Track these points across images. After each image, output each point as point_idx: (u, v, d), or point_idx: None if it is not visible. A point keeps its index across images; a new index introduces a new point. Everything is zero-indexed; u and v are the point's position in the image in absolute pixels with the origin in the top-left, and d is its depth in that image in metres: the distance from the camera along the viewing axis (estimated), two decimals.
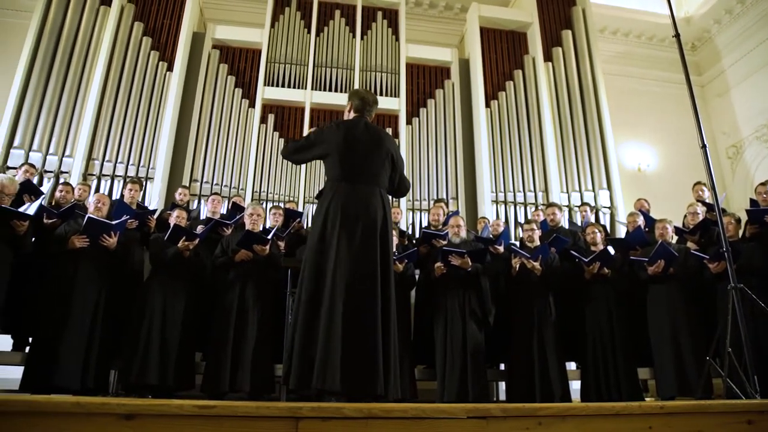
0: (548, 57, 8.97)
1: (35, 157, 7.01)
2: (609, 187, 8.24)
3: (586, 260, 4.74)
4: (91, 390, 4.13)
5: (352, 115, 3.26)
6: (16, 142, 7.07)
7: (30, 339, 4.50)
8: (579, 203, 7.77)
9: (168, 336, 4.36)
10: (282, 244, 4.91)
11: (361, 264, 2.83)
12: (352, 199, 2.97)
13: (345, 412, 1.74)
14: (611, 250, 5.05)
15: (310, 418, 1.70)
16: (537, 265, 4.71)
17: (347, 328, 2.67)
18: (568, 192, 8.14)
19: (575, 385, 4.83)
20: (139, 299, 4.53)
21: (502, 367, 5.23)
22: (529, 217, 7.34)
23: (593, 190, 8.18)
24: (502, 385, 5.42)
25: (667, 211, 5.56)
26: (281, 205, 5.83)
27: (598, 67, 9.00)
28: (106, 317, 4.38)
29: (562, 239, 5.21)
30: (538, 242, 4.97)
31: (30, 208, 4.22)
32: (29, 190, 4.84)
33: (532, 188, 8.18)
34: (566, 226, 6.63)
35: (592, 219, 7.20)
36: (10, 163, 6.86)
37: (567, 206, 7.99)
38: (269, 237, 4.56)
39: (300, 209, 6.06)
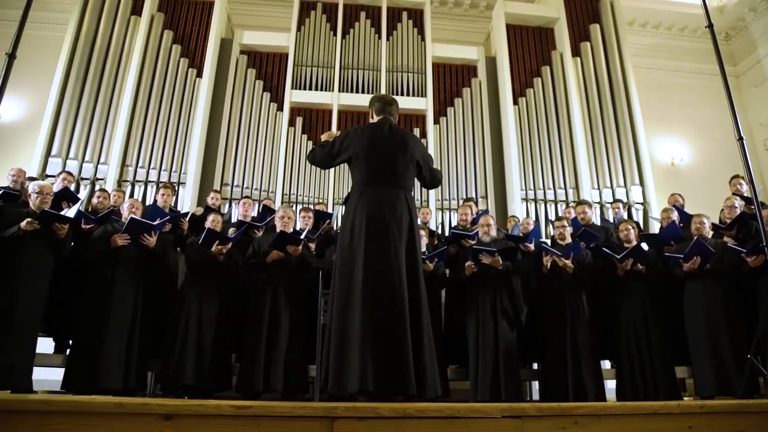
0: (576, 52, 8.86)
1: (72, 165, 7.21)
2: (641, 183, 8.08)
3: (619, 257, 4.67)
4: (131, 390, 4.25)
5: (376, 119, 3.30)
6: (53, 151, 7.28)
7: (70, 341, 4.65)
8: (611, 200, 7.65)
9: (203, 338, 4.45)
10: (312, 246, 4.95)
11: (389, 268, 2.86)
12: (378, 203, 3.00)
13: (380, 411, 1.75)
14: (645, 246, 4.96)
15: (346, 417, 1.71)
16: (569, 262, 4.65)
17: (378, 331, 2.70)
18: (599, 188, 8.02)
19: (610, 385, 4.76)
20: (175, 302, 4.64)
21: (535, 366, 5.18)
22: (560, 214, 7.25)
23: (625, 186, 8.04)
24: (536, 385, 5.37)
25: (702, 206, 5.43)
26: (311, 207, 5.87)
27: (628, 60, 8.84)
28: (143, 319, 4.50)
29: (591, 233, 5.14)
30: (569, 239, 4.92)
31: (69, 213, 4.37)
32: (67, 197, 4.99)
33: (562, 185, 8.08)
34: (598, 223, 6.53)
35: (625, 216, 7.06)
36: (48, 172, 7.08)
37: (598, 203, 7.87)
38: (303, 237, 4.61)
39: (329, 210, 6.10)
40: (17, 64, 3.18)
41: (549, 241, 5.31)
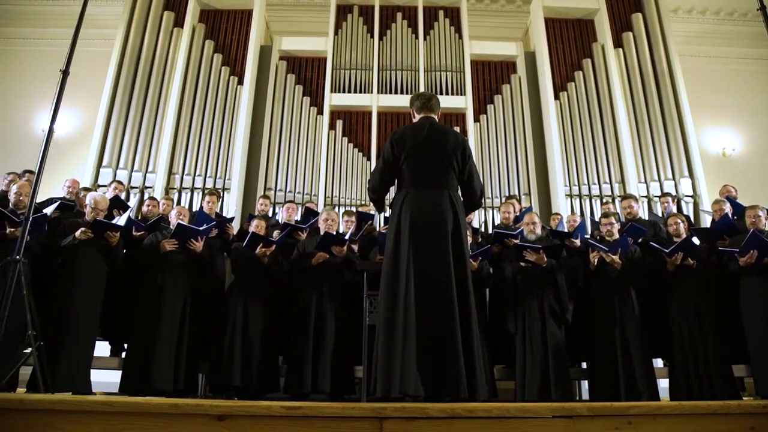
0: (618, 43, 8.64)
1: (122, 175, 7.47)
2: (691, 175, 7.82)
3: (668, 251, 4.53)
4: (181, 392, 4.38)
5: (418, 118, 3.25)
6: (104, 162, 7.56)
7: (125, 345, 4.83)
8: (659, 193, 7.43)
9: (250, 340, 4.54)
10: (356, 247, 4.98)
11: (436, 270, 2.83)
12: (422, 204, 2.96)
13: (429, 412, 1.75)
14: (696, 240, 4.81)
15: (395, 418, 1.72)
16: (616, 258, 4.54)
17: (426, 333, 2.68)
18: (646, 182, 7.81)
19: (663, 384, 4.62)
20: (222, 305, 4.74)
21: (584, 365, 5.08)
22: (605, 210, 7.09)
23: (674, 179, 7.79)
24: (584, 384, 5.27)
25: (756, 197, 5.21)
26: (353, 209, 5.91)
27: (673, 49, 8.56)
28: (193, 323, 4.63)
29: (638, 227, 5.01)
30: (617, 236, 4.80)
31: (119, 221, 4.55)
32: (117, 205, 5.20)
33: (607, 180, 7.89)
34: (645, 217, 6.36)
35: (674, 210, 6.86)
36: (100, 182, 7.35)
37: (646, 197, 7.66)
38: (347, 238, 4.65)
39: (372, 212, 6.13)
40: (69, 80, 3.32)
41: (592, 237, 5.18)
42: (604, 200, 7.69)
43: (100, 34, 8.55)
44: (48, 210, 4.73)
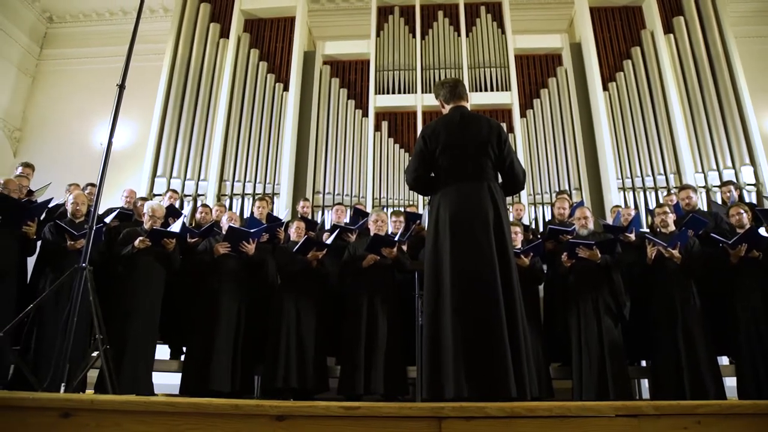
0: (669, 29, 8.34)
1: (175, 183, 7.72)
2: (752, 162, 7.45)
3: (730, 242, 4.34)
4: (238, 393, 4.50)
5: (448, 108, 3.12)
6: (159, 172, 7.82)
7: (183, 348, 4.98)
8: (718, 183, 7.14)
9: (303, 342, 4.62)
10: (405, 248, 4.98)
11: (477, 264, 2.71)
12: (459, 198, 2.85)
13: (488, 411, 1.72)
14: (763, 231, 4.58)
15: (453, 417, 1.70)
16: (676, 252, 4.39)
17: (471, 333, 2.59)
18: (704, 172, 7.49)
19: (729, 382, 4.43)
20: (274, 309, 4.82)
21: (643, 363, 4.93)
22: (661, 202, 6.85)
23: (734, 167, 7.44)
24: (644, 383, 5.11)
25: None
26: (401, 210, 5.91)
27: (729, 30, 8.18)
28: (247, 326, 4.77)
29: (699, 219, 4.81)
30: (672, 227, 4.63)
31: (174, 228, 4.71)
32: (172, 213, 5.40)
33: (662, 171, 7.62)
34: (704, 208, 6.12)
35: (737, 198, 6.57)
36: (155, 191, 7.61)
37: (704, 187, 7.36)
38: (396, 239, 4.65)
39: (420, 212, 6.13)
40: (125, 94, 3.44)
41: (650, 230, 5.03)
42: (660, 192, 7.43)
43: (150, 49, 8.84)
44: (107, 219, 4.95)
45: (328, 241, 4.92)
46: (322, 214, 7.60)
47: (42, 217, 4.67)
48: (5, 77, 9.47)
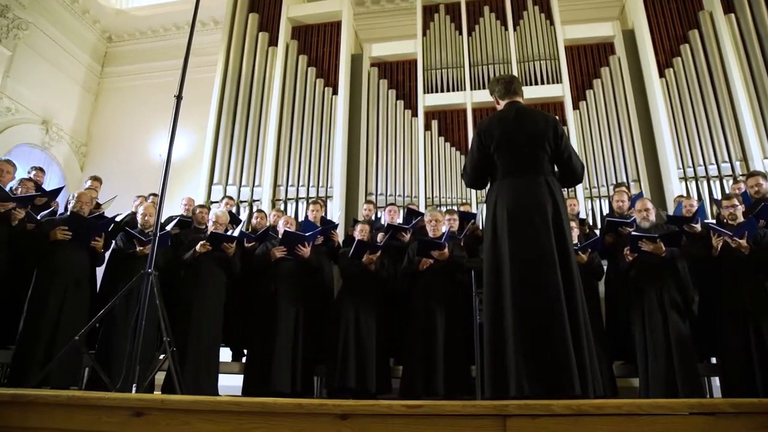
0: (729, 8, 7.95)
1: (231, 190, 7.92)
2: None
3: None
4: (299, 393, 4.57)
5: (502, 104, 3.10)
6: (215, 179, 8.05)
7: (245, 351, 5.10)
8: None
9: (363, 343, 4.66)
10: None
11: (537, 262, 2.67)
12: (517, 194, 2.82)
13: (554, 409, 1.68)
14: None
15: (518, 416, 1.67)
16: (743, 242, 4.18)
17: (532, 332, 2.55)
18: None
19: None
20: (334, 310, 4.89)
21: (713, 361, 4.71)
22: (727, 190, 6.55)
23: None
24: (715, 381, 4.89)
25: None
26: (455, 208, 5.87)
27: None
28: (306, 327, 4.85)
29: None
30: (741, 219, 4.42)
31: (233, 233, 4.84)
32: (233, 220, 5.55)
33: (726, 158, 7.27)
34: None
35: None
36: (212, 198, 7.83)
37: None
38: (442, 241, 4.60)
39: (474, 210, 6.07)
40: (181, 106, 3.56)
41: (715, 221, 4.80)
42: (726, 180, 7.10)
43: (203, 61, 9.12)
44: (168, 227, 5.14)
45: (381, 243, 4.94)
46: (376, 215, 7.63)
47: (110, 229, 4.90)
48: (71, 96, 9.99)
